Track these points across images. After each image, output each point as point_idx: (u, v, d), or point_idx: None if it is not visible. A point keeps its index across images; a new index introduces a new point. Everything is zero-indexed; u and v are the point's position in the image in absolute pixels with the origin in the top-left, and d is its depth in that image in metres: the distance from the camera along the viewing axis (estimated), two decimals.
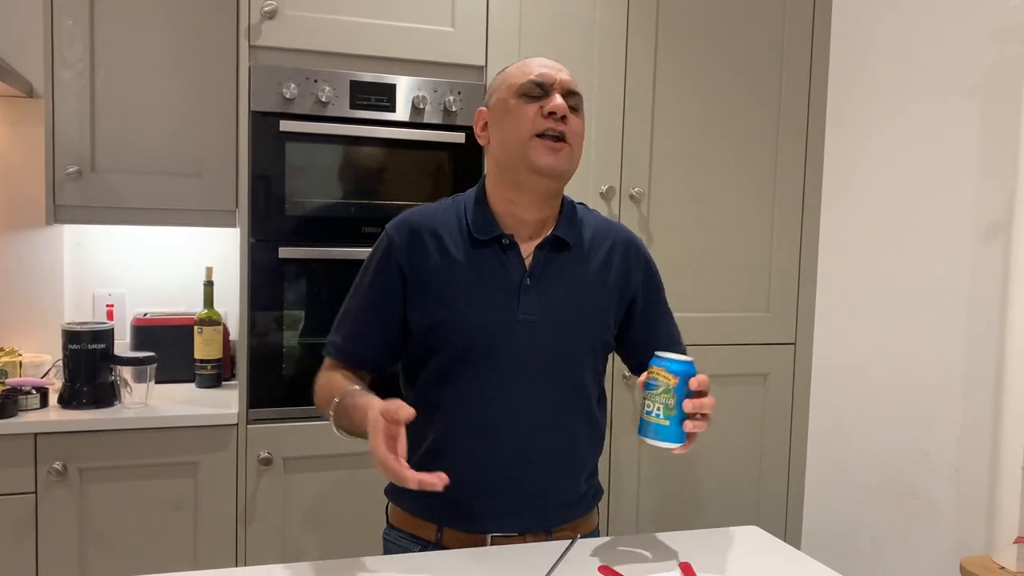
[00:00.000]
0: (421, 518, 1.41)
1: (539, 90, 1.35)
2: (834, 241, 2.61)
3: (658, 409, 1.18)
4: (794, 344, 2.65)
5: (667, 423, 1.17)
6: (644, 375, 1.23)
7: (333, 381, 1.38)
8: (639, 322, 1.48)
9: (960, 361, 2.18)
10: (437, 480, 1.11)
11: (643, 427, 1.20)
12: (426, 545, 1.40)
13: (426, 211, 1.43)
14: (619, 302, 1.45)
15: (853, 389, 2.53)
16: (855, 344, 2.52)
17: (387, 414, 1.14)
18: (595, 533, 1.50)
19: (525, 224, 1.39)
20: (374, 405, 1.18)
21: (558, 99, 1.34)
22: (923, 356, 2.29)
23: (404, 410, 1.13)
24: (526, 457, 1.37)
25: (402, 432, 1.14)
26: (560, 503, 1.42)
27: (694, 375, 1.19)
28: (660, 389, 1.18)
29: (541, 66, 1.38)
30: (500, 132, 1.38)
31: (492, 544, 1.37)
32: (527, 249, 1.39)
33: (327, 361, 1.45)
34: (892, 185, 2.40)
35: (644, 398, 1.19)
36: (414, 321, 1.38)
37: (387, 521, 1.49)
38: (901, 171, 2.36)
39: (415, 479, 1.10)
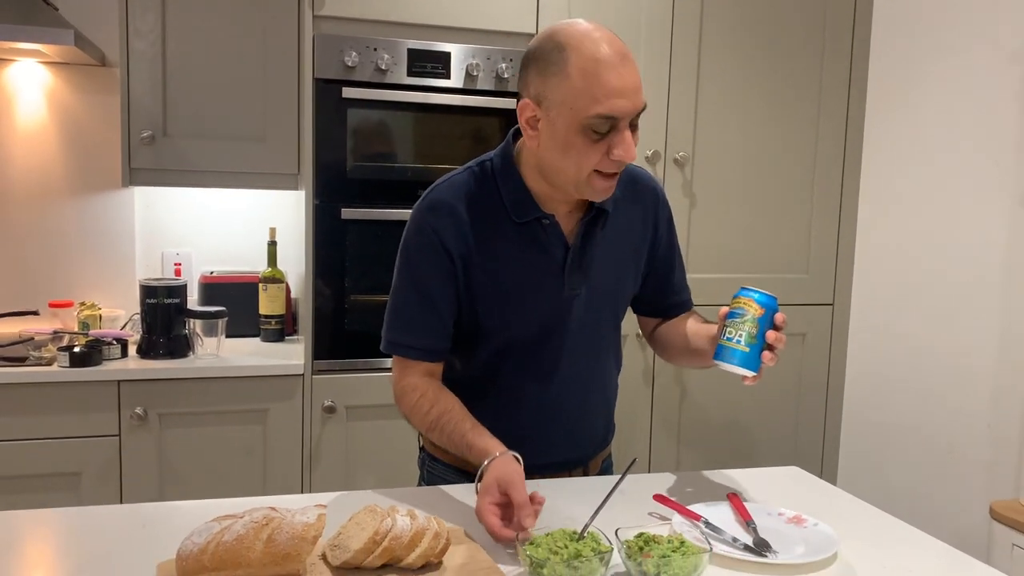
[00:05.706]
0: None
1: (609, 125, 1.21)
2: (873, 205, 2.67)
3: (740, 336, 1.22)
4: (832, 305, 2.73)
5: (747, 350, 1.23)
6: (725, 308, 1.26)
7: (441, 405, 1.34)
8: (657, 269, 1.50)
9: (995, 322, 2.25)
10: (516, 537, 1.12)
11: (721, 352, 1.24)
12: (471, 478, 1.30)
13: (454, 186, 1.36)
14: (648, 256, 1.48)
15: (889, 349, 2.60)
16: (892, 305, 2.59)
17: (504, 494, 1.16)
18: (610, 458, 1.58)
19: (563, 202, 1.35)
20: (496, 473, 1.18)
21: (628, 141, 1.22)
22: (959, 317, 2.36)
23: (527, 518, 1.13)
24: (579, 412, 1.45)
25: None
26: (599, 439, 1.52)
27: (778, 311, 1.25)
28: (747, 317, 1.22)
29: (617, 94, 1.19)
30: (554, 154, 1.25)
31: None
32: (567, 224, 1.36)
33: (405, 366, 1.39)
34: (932, 150, 2.44)
35: (726, 326, 1.24)
36: (466, 307, 1.36)
37: (425, 452, 1.51)
38: (941, 136, 2.41)
39: (508, 539, 1.13)
